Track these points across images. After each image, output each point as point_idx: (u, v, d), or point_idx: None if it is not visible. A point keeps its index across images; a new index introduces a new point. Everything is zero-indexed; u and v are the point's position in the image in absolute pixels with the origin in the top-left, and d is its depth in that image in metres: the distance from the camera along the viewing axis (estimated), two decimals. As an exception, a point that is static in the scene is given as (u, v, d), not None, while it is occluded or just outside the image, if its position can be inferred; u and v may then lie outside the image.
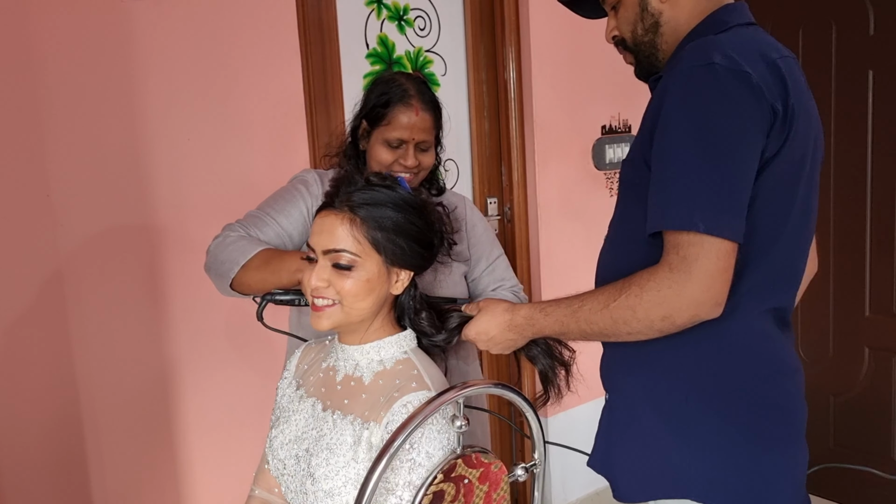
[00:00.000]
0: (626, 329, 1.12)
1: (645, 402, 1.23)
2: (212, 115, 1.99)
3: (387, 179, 1.25)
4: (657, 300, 1.08)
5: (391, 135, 1.55)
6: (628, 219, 1.26)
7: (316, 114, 2.22)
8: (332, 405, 1.25)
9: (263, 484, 1.36)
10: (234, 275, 1.43)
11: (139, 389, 1.94)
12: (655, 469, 1.22)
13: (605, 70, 2.86)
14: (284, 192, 1.60)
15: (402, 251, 1.22)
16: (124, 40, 1.85)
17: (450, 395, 1.12)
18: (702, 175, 1.05)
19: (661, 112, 1.10)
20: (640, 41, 1.27)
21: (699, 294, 1.05)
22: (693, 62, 1.08)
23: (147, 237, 1.92)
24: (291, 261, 1.37)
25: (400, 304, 1.31)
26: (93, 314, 1.85)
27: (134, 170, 1.89)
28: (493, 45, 2.69)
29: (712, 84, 1.06)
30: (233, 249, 1.45)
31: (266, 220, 1.54)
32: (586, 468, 1.39)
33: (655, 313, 1.09)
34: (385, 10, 2.43)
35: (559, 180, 2.80)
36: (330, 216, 1.21)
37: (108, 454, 1.89)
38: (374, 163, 1.58)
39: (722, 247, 1.05)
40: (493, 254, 1.72)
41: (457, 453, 1.15)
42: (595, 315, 1.15)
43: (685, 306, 1.06)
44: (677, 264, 1.06)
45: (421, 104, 1.56)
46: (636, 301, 1.10)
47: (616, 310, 1.12)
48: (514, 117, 2.71)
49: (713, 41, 1.11)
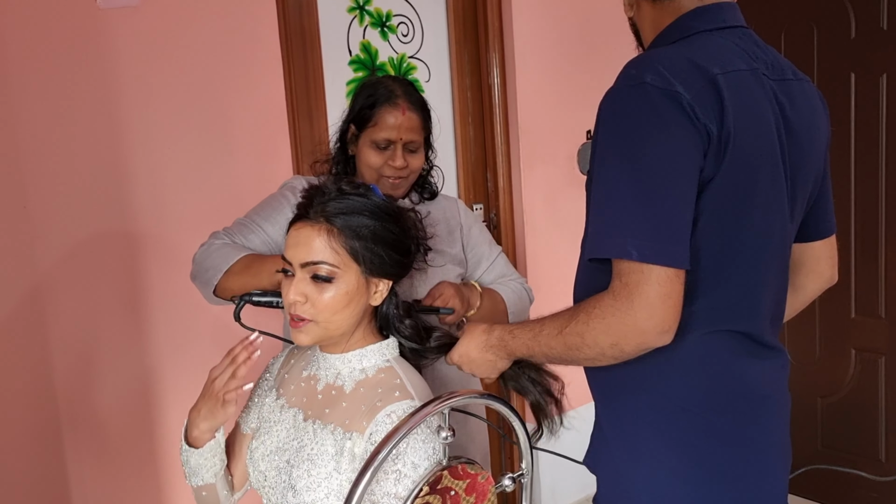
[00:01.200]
0: (580, 355, 1.10)
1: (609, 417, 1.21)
2: (193, 123, 1.97)
3: (360, 187, 1.24)
4: (603, 328, 1.05)
5: (379, 135, 1.54)
6: None
7: (299, 121, 2.21)
8: (312, 415, 1.23)
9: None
10: (216, 281, 1.43)
11: (120, 400, 1.91)
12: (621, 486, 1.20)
13: (589, 74, 2.86)
14: (272, 200, 1.60)
15: (381, 260, 1.21)
16: (102, 49, 1.83)
17: (435, 406, 1.11)
18: (635, 202, 1.01)
19: (596, 133, 1.08)
20: (631, 21, 1.28)
21: (643, 322, 1.02)
22: (625, 81, 1.06)
23: (127, 247, 1.90)
24: (272, 263, 1.36)
25: (382, 313, 1.29)
26: (72, 324, 1.82)
27: (114, 179, 1.86)
28: (477, 50, 2.69)
29: (643, 106, 1.02)
30: (216, 256, 1.46)
31: (252, 228, 1.54)
32: (576, 475, 1.38)
33: (604, 341, 1.06)
34: (367, 17, 2.42)
35: (545, 186, 2.80)
36: (305, 227, 1.19)
37: (88, 465, 1.86)
38: (362, 166, 1.58)
39: (663, 273, 1.00)
40: (493, 253, 1.73)
41: (443, 464, 1.14)
42: (552, 340, 1.13)
43: (630, 334, 1.03)
44: (620, 291, 1.03)
45: (407, 104, 1.56)
46: (584, 328, 1.07)
47: (568, 336, 1.10)
48: (499, 123, 2.70)
49: (649, 57, 1.08)
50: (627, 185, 1.02)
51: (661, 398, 1.14)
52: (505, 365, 1.26)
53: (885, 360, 2.67)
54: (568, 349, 1.10)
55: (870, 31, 2.58)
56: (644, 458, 1.15)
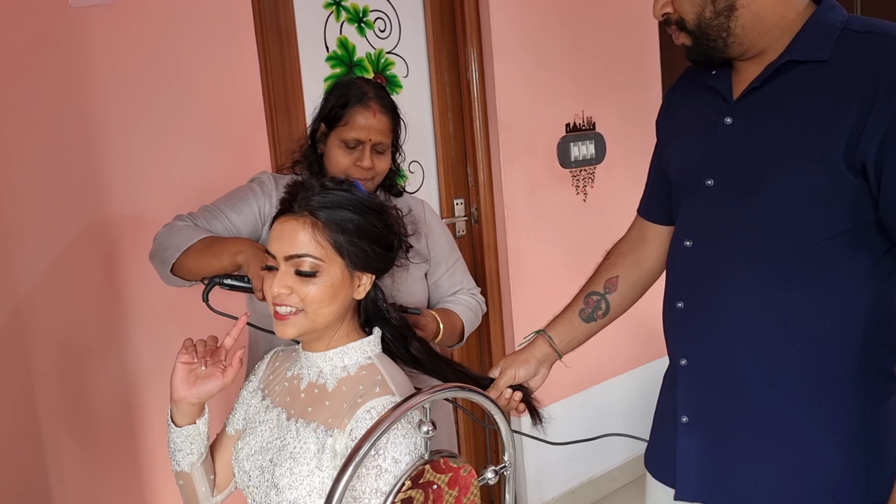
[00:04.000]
0: None
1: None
2: (169, 121, 1.95)
3: (343, 183, 1.24)
4: None
5: (348, 135, 1.56)
6: (769, 217, 1.16)
7: (276, 118, 2.20)
8: (296, 413, 1.23)
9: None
10: (174, 260, 1.44)
11: (102, 398, 1.89)
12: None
13: (568, 68, 2.86)
14: (238, 191, 1.62)
15: (365, 254, 1.21)
16: (75, 48, 1.81)
17: (415, 401, 1.11)
18: None
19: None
20: (707, 24, 1.16)
21: None
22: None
23: (104, 246, 1.88)
24: (233, 243, 1.38)
25: (366, 308, 1.29)
26: (50, 326, 1.80)
27: (90, 178, 1.84)
28: (455, 45, 2.68)
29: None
30: (177, 237, 1.47)
31: (216, 214, 1.56)
32: (561, 467, 1.40)
33: None
34: (344, 13, 2.40)
35: (525, 180, 2.80)
36: (290, 221, 1.19)
37: (70, 471, 1.84)
38: (330, 165, 1.59)
39: None
40: (452, 258, 1.76)
41: (424, 459, 1.14)
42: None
43: None
44: None
45: (379, 106, 1.58)
46: None
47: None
48: (479, 118, 2.70)
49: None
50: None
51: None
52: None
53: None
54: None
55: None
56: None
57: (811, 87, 1.11)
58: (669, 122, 1.39)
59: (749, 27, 1.14)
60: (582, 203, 2.98)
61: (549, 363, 1.46)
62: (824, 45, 1.10)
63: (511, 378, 1.41)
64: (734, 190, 1.19)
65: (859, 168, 1.07)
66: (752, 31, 1.15)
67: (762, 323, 1.18)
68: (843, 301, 1.13)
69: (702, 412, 1.28)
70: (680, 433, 1.31)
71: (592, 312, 1.45)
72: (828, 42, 1.10)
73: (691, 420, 1.30)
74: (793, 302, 1.15)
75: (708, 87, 1.25)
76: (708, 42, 1.17)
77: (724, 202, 1.20)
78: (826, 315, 1.14)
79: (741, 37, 1.15)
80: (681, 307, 1.29)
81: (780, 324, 1.16)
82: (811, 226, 1.12)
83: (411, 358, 1.32)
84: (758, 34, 1.15)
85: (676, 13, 1.18)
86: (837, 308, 1.14)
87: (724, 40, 1.16)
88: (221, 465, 1.36)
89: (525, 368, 1.42)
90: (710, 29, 1.16)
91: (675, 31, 1.21)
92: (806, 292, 1.14)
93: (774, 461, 1.21)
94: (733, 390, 1.23)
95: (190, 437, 1.28)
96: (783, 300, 1.15)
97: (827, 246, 1.12)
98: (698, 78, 1.29)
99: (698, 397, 1.29)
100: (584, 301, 1.46)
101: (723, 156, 1.20)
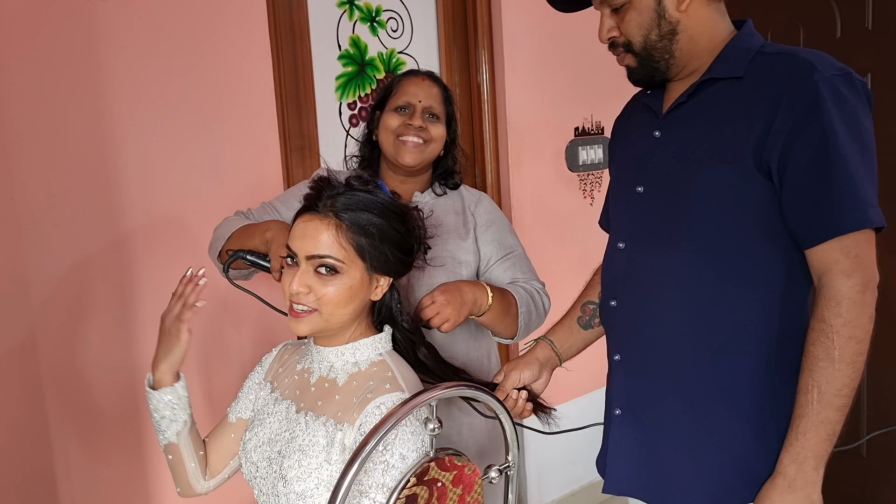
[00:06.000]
0: (861, 359, 1.14)
1: None
2: (182, 116, 1.97)
3: (368, 183, 1.25)
4: (867, 312, 1.13)
5: (399, 100, 1.60)
6: (692, 218, 1.26)
7: (288, 115, 2.21)
8: (305, 406, 1.24)
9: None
10: (220, 248, 1.51)
11: (108, 397, 1.90)
12: None
13: (577, 72, 2.87)
14: (294, 187, 1.69)
15: (386, 258, 1.22)
16: (92, 41, 1.82)
17: (423, 398, 1.12)
18: (863, 174, 1.12)
19: (807, 119, 1.14)
20: (653, 46, 1.28)
21: (873, 282, 1.14)
22: (831, 71, 1.15)
23: (115, 240, 1.89)
24: (265, 225, 1.43)
25: (380, 309, 1.31)
26: (60, 319, 1.81)
27: (102, 173, 1.86)
28: (466, 47, 2.69)
29: (855, 92, 1.16)
30: (224, 228, 1.55)
31: (268, 209, 1.62)
32: (562, 468, 1.43)
33: (868, 322, 1.13)
34: (357, 12, 2.42)
35: (532, 182, 2.81)
36: (314, 220, 1.19)
37: (76, 464, 1.85)
38: (383, 133, 1.61)
39: (872, 235, 1.15)
40: (504, 248, 1.68)
41: (430, 456, 1.15)
42: (835, 381, 1.13)
43: (872, 298, 1.13)
44: (853, 267, 1.13)
45: (427, 77, 1.64)
46: (853, 330, 1.12)
47: (845, 349, 1.13)
48: (488, 119, 2.71)
49: (816, 52, 1.20)
50: (858, 161, 1.13)
51: None
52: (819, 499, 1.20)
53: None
54: (853, 363, 1.13)
55: (855, 30, 2.60)
56: None
57: (727, 99, 1.24)
58: (616, 143, 1.52)
59: (685, 50, 1.27)
60: (588, 207, 2.99)
61: (550, 367, 1.50)
62: (740, 64, 1.24)
63: (516, 380, 1.42)
64: (660, 194, 1.31)
65: (766, 171, 1.18)
66: (687, 54, 1.28)
67: (687, 318, 1.27)
68: (759, 297, 1.23)
69: (633, 404, 1.37)
70: (612, 425, 1.40)
71: (589, 320, 1.51)
72: (743, 62, 1.24)
73: (624, 412, 1.38)
74: (714, 299, 1.25)
75: (644, 106, 1.39)
76: (652, 63, 1.29)
77: (652, 206, 1.32)
78: (742, 310, 1.23)
79: (679, 59, 1.28)
80: (614, 305, 1.38)
81: (701, 319, 1.26)
82: (728, 226, 1.22)
83: (418, 363, 1.34)
84: (690, 57, 1.28)
85: (623, 37, 1.30)
86: (753, 304, 1.23)
87: (667, 62, 1.29)
88: (216, 448, 1.37)
89: (529, 370, 1.44)
90: (654, 51, 1.28)
91: (620, 54, 1.32)
92: (725, 289, 1.24)
93: (697, 448, 1.29)
94: (661, 383, 1.32)
95: (171, 403, 1.28)
96: (705, 297, 1.25)
97: (744, 245, 1.22)
98: (638, 100, 1.45)
99: (630, 390, 1.37)
100: (580, 309, 1.53)
101: (652, 165, 1.32)
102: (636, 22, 1.27)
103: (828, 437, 1.14)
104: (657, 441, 1.33)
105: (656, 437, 1.33)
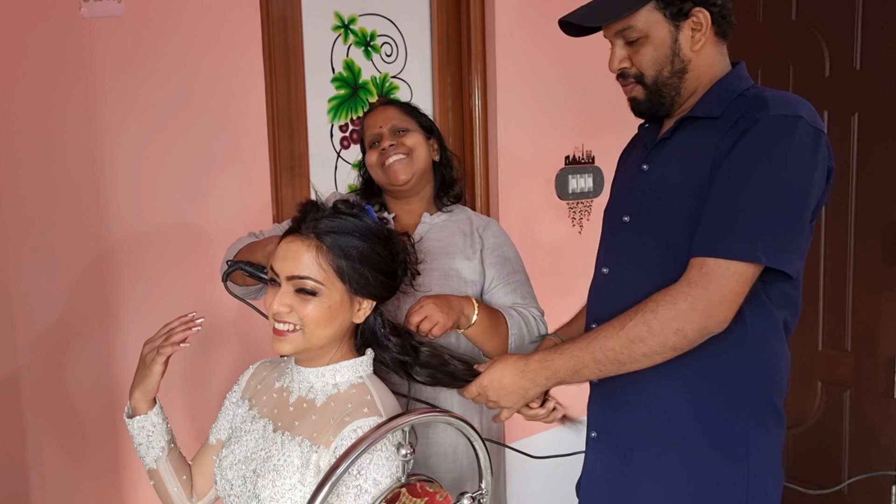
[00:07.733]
0: (641, 349, 1.20)
1: None
2: (173, 135, 1.97)
3: (354, 207, 1.26)
4: (672, 313, 1.18)
5: (369, 137, 1.69)
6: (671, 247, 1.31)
7: (279, 137, 2.22)
8: (282, 426, 1.25)
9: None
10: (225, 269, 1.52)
11: (87, 414, 1.89)
12: None
13: (569, 101, 2.89)
14: None
15: (367, 281, 1.23)
16: (86, 59, 1.83)
17: (396, 423, 1.12)
18: (761, 209, 1.17)
19: (738, 150, 1.20)
20: (663, 83, 1.32)
21: (712, 308, 1.17)
22: (780, 112, 1.20)
23: (100, 256, 1.89)
24: (268, 240, 1.46)
25: (363, 332, 1.31)
26: (41, 334, 1.81)
27: (90, 188, 1.86)
28: (460, 73, 2.72)
29: (795, 135, 1.19)
30: (233, 248, 1.59)
31: (275, 229, 1.65)
32: (542, 494, 1.44)
33: (670, 326, 1.18)
34: (352, 36, 2.44)
35: (522, 209, 2.82)
36: (296, 242, 1.21)
37: (51, 481, 1.83)
38: (371, 171, 1.70)
39: (747, 271, 1.17)
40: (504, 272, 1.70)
41: (401, 482, 1.15)
42: (610, 340, 1.23)
43: (697, 318, 1.17)
44: (697, 279, 1.17)
45: (383, 105, 1.73)
46: (651, 316, 1.20)
47: (632, 328, 1.21)
48: (479, 145, 2.73)
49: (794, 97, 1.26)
50: (769, 200, 1.18)
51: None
52: (536, 393, 1.32)
53: (850, 394, 2.70)
54: (630, 343, 1.21)
55: (843, 70, 2.64)
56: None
57: (700, 136, 1.29)
58: (616, 174, 1.57)
59: (689, 88, 1.33)
60: (577, 235, 3.00)
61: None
62: (719, 105, 1.29)
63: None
64: (643, 223, 1.36)
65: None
66: (689, 91, 1.33)
67: None
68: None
69: (608, 428, 1.40)
70: (588, 447, 1.44)
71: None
72: (722, 103, 1.29)
73: (599, 436, 1.42)
74: None
75: (639, 139, 1.46)
76: (660, 98, 1.34)
77: (636, 234, 1.37)
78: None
79: (682, 96, 1.33)
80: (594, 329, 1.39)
81: None
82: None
83: (414, 381, 1.35)
84: (691, 94, 1.33)
85: (635, 68, 1.33)
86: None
87: (672, 98, 1.33)
88: (201, 471, 1.37)
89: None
90: (664, 87, 1.32)
91: (630, 84, 1.35)
92: None
93: (666, 473, 1.32)
94: (634, 408, 1.35)
95: (145, 429, 1.30)
96: None
97: None
98: (638, 134, 1.50)
99: (606, 412, 1.41)
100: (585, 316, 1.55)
101: (638, 195, 1.38)
102: (651, 56, 1.31)
103: (572, 371, 1.27)
104: (629, 464, 1.36)
105: (628, 460, 1.36)
